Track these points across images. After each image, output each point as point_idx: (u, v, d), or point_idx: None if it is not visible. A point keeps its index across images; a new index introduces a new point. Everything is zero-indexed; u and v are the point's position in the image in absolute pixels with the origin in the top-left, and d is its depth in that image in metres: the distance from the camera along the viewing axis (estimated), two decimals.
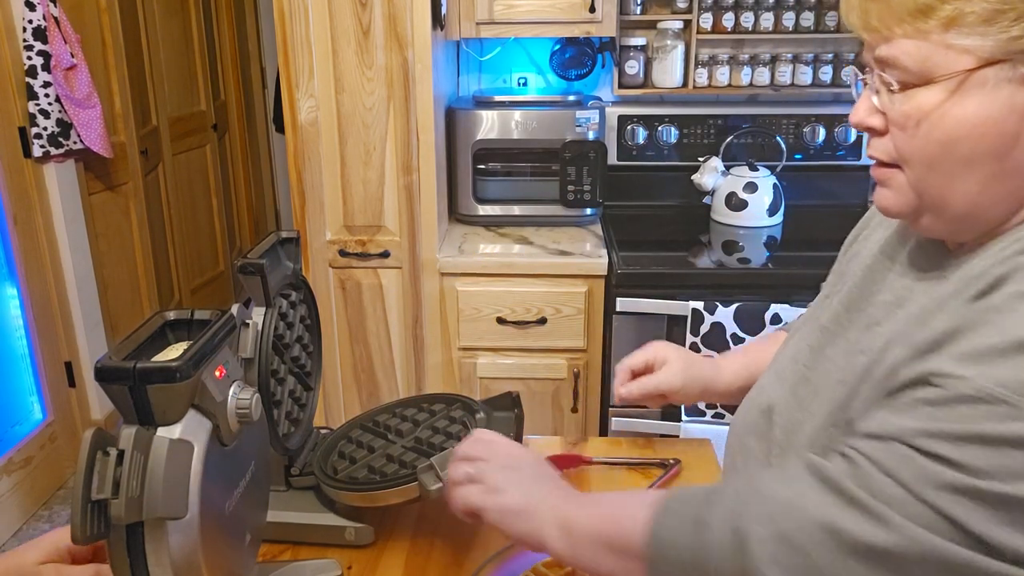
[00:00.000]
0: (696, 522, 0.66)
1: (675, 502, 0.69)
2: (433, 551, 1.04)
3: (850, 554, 0.57)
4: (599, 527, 0.73)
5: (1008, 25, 0.59)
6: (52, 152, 2.51)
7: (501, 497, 0.79)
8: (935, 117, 0.63)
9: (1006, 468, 0.53)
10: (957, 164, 0.63)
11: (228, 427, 0.77)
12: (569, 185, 2.25)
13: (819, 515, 0.59)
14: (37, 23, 2.41)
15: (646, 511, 0.69)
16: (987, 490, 0.53)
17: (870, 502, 0.57)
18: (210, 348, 0.75)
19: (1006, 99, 0.61)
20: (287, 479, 1.09)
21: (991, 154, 0.62)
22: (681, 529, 0.66)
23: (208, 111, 3.88)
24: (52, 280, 2.65)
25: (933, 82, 0.62)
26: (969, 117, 0.62)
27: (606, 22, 2.15)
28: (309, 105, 2.02)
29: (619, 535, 0.71)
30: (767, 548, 0.61)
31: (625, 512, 0.71)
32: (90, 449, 0.67)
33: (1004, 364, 0.55)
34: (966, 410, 0.55)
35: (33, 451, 2.59)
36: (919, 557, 0.55)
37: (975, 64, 0.61)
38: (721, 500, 0.66)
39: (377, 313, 2.18)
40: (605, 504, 0.75)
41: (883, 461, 0.58)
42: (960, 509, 0.54)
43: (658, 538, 0.67)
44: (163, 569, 0.71)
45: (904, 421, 0.59)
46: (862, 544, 0.57)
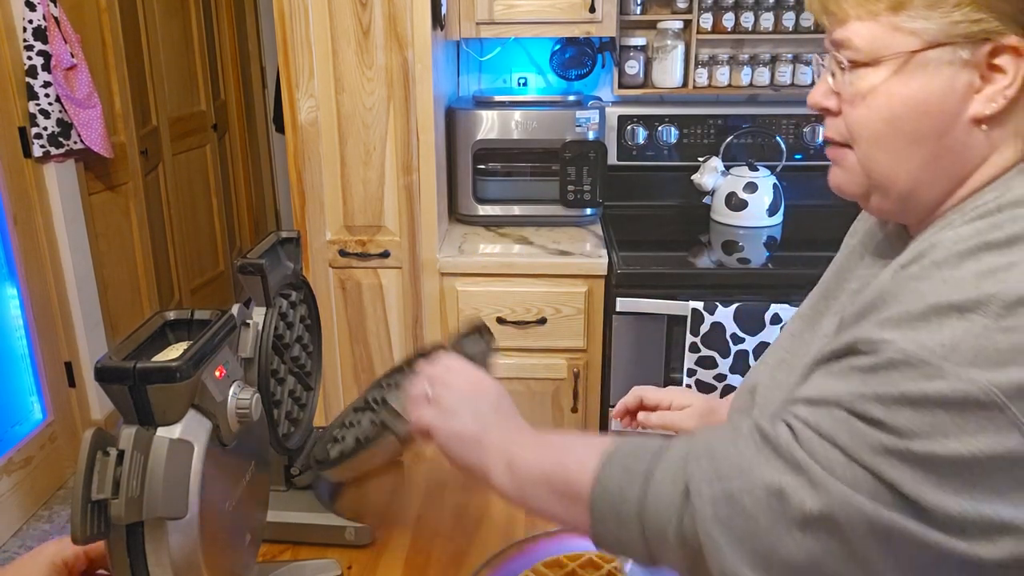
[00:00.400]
0: (645, 475, 0.66)
1: (624, 453, 0.69)
2: (433, 551, 1.04)
3: (793, 519, 0.58)
4: (546, 468, 0.73)
5: (949, 10, 0.63)
6: (52, 152, 2.51)
7: (453, 421, 0.79)
8: (881, 94, 0.67)
9: (932, 427, 0.55)
10: (901, 141, 0.67)
11: (228, 427, 0.77)
12: (569, 185, 2.25)
13: (766, 479, 0.60)
14: (37, 23, 2.41)
15: (595, 459, 0.69)
16: (917, 451, 0.55)
17: (813, 468, 0.58)
18: (210, 348, 0.75)
19: (947, 80, 0.65)
20: (287, 479, 1.10)
21: (932, 133, 0.66)
22: (628, 480, 0.67)
23: (208, 111, 3.88)
24: (52, 280, 2.65)
25: (881, 61, 0.66)
26: (912, 96, 0.66)
27: (606, 22, 2.15)
28: (309, 105, 2.02)
29: (565, 479, 0.71)
30: (712, 507, 0.62)
31: (573, 457, 0.71)
32: (90, 449, 0.67)
33: (924, 328, 0.58)
34: (893, 373, 0.57)
35: (33, 451, 2.59)
36: (860, 525, 0.56)
37: (919, 46, 0.65)
38: (671, 455, 0.67)
39: (377, 313, 2.18)
40: (555, 446, 0.75)
41: (822, 426, 0.60)
42: (892, 470, 0.56)
43: (603, 487, 0.68)
44: (163, 569, 0.71)
45: (839, 386, 0.61)
46: (805, 510, 0.58)
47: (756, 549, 0.60)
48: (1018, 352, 0.55)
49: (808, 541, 0.58)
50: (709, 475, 0.63)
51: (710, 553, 0.61)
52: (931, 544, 0.56)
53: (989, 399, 0.54)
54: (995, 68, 0.64)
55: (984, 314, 0.56)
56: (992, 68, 0.64)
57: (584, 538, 1.00)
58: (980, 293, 0.57)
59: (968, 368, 0.55)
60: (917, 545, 0.56)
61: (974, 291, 0.57)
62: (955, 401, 0.55)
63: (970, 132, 0.66)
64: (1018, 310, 0.56)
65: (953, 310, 0.57)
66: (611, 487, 0.67)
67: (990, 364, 0.55)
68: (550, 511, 0.73)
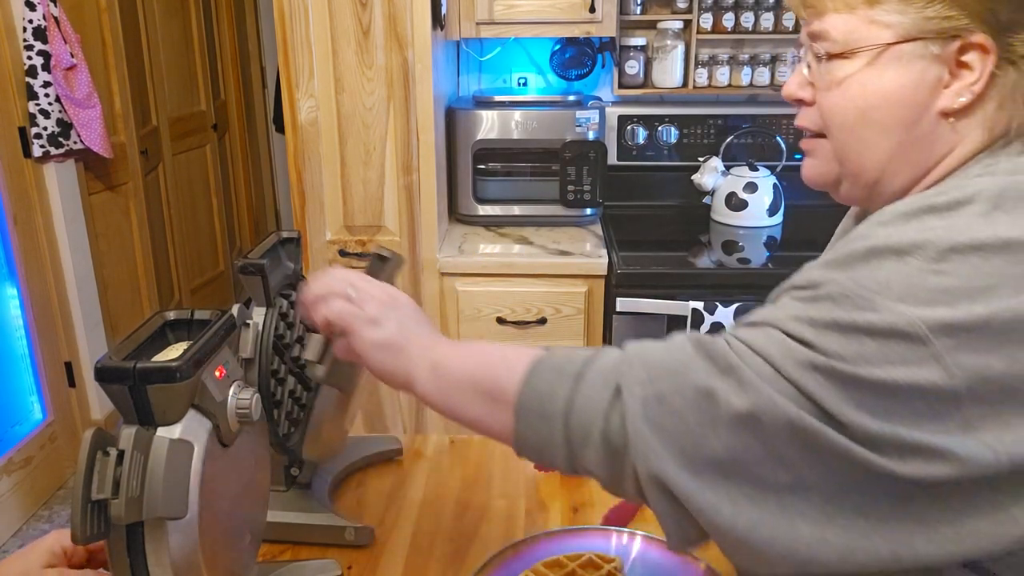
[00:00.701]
0: (575, 376, 0.67)
1: (556, 357, 0.70)
2: (433, 551, 1.04)
3: (720, 418, 0.61)
4: (473, 371, 0.73)
5: (923, 6, 0.66)
6: (52, 152, 2.51)
7: (375, 329, 0.78)
8: (855, 84, 0.70)
9: (858, 353, 0.58)
10: (871, 130, 0.70)
11: (228, 427, 0.77)
12: (569, 185, 2.25)
13: (697, 381, 0.62)
14: (37, 23, 2.41)
15: (525, 362, 0.70)
16: (841, 371, 0.58)
17: (744, 371, 0.61)
18: (210, 348, 0.75)
19: (918, 74, 0.68)
20: (287, 479, 1.09)
21: (901, 123, 0.69)
22: (558, 380, 0.67)
23: (208, 111, 3.88)
24: (52, 280, 2.65)
25: (856, 53, 0.69)
26: (885, 86, 0.69)
27: (606, 22, 2.15)
28: (309, 105, 2.02)
29: (493, 381, 0.71)
30: (643, 406, 0.63)
31: (503, 360, 0.72)
32: (90, 449, 0.67)
33: (863, 267, 0.61)
34: (828, 303, 0.61)
35: (33, 451, 2.59)
36: (781, 425, 0.59)
37: (893, 39, 0.67)
38: (604, 360, 0.68)
39: None
40: (483, 351, 0.75)
41: (756, 342, 0.63)
42: (816, 386, 0.59)
43: (532, 386, 0.68)
44: (163, 569, 0.71)
45: (777, 312, 0.64)
46: (732, 410, 0.60)
47: (683, 446, 0.62)
48: (947, 293, 0.58)
49: (733, 439, 0.60)
50: (642, 377, 0.65)
51: (637, 449, 0.63)
52: (847, 453, 0.58)
53: (915, 332, 0.57)
54: (963, 65, 0.67)
55: (919, 257, 0.60)
56: (960, 65, 0.67)
57: (584, 536, 1.00)
58: (918, 239, 0.61)
59: (898, 303, 0.58)
60: (834, 452, 0.58)
61: (912, 237, 0.61)
62: (882, 331, 0.58)
63: (937, 124, 0.69)
64: (951, 256, 0.59)
65: (891, 252, 0.61)
66: (540, 386, 0.68)
67: (919, 301, 0.58)
68: (474, 415, 0.73)
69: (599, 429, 0.65)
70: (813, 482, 0.59)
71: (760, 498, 0.60)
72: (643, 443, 0.62)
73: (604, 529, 1.03)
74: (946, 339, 0.57)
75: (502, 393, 0.70)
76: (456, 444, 1.28)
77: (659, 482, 0.62)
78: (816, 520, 0.59)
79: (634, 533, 1.02)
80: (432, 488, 1.17)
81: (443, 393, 0.74)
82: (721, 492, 0.61)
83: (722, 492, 0.61)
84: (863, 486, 0.59)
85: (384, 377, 0.79)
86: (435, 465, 1.23)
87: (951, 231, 0.60)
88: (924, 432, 0.57)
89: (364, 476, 1.20)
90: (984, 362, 0.57)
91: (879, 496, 0.59)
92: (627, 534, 1.02)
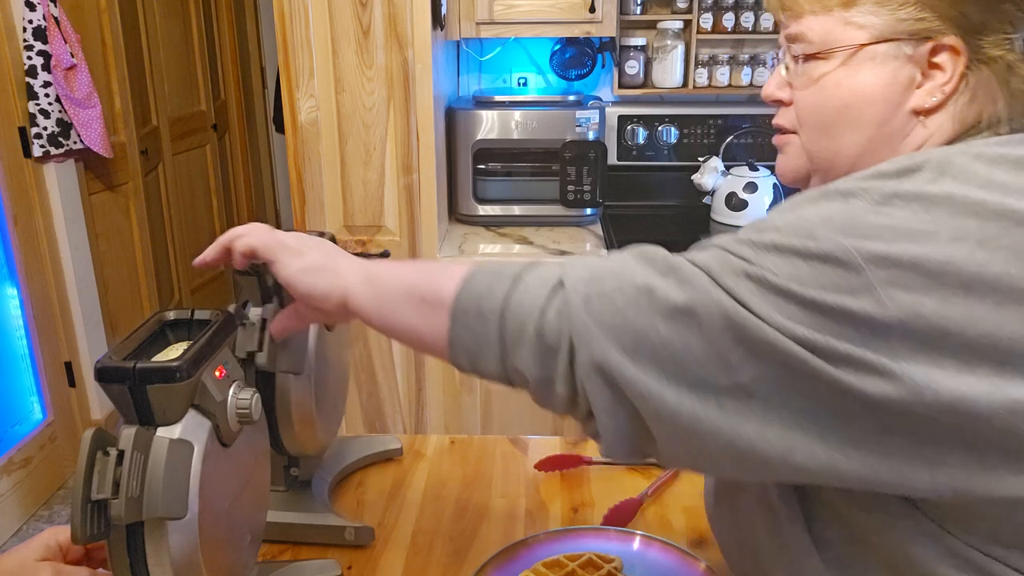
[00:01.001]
0: (515, 278, 0.69)
1: (496, 264, 0.72)
2: (433, 551, 1.04)
3: (659, 311, 0.62)
4: (411, 279, 0.74)
5: (896, 8, 0.69)
6: (52, 152, 2.51)
7: (298, 257, 0.80)
8: (831, 82, 0.72)
9: (791, 273, 0.60)
10: (845, 128, 0.73)
11: (228, 427, 0.77)
12: (569, 185, 2.25)
13: (638, 279, 0.65)
14: (37, 23, 2.41)
15: (464, 270, 0.72)
16: (773, 282, 0.60)
17: (683, 271, 0.64)
18: (210, 348, 0.75)
19: (891, 73, 0.70)
20: (287, 479, 1.09)
21: (874, 120, 0.72)
22: (498, 281, 0.69)
23: (208, 111, 3.88)
24: (52, 280, 2.65)
25: (832, 53, 0.72)
26: (859, 85, 0.71)
27: (606, 22, 2.15)
28: (309, 105, 2.02)
29: (430, 286, 0.72)
30: (584, 302, 0.65)
31: (441, 269, 0.74)
32: (90, 449, 0.67)
33: (810, 206, 0.64)
34: (772, 231, 0.63)
35: (33, 451, 2.59)
36: (717, 318, 0.61)
37: (867, 39, 0.70)
38: (543, 266, 0.70)
39: None
40: (420, 264, 0.76)
41: (696, 257, 0.65)
42: (749, 293, 0.61)
43: (470, 287, 0.70)
44: (163, 569, 0.71)
45: (724, 238, 0.67)
46: (671, 303, 0.62)
47: (626, 338, 0.63)
48: (885, 230, 0.60)
49: (673, 333, 0.62)
50: (584, 276, 0.66)
51: (580, 338, 0.64)
52: (784, 350, 0.59)
53: (850, 259, 0.59)
54: (935, 66, 0.69)
55: (863, 199, 0.62)
56: (932, 66, 0.69)
57: (584, 536, 1.00)
58: (864, 185, 0.63)
59: (837, 234, 0.60)
60: (770, 349, 0.59)
61: (860, 184, 0.64)
62: (818, 255, 0.60)
63: (908, 121, 0.71)
64: (894, 201, 0.61)
65: (838, 194, 0.64)
66: (478, 287, 0.70)
67: (857, 235, 0.60)
68: (410, 323, 0.74)
69: (534, 324, 0.66)
70: (753, 386, 0.60)
71: (702, 396, 0.61)
72: (586, 332, 0.63)
73: (604, 529, 1.03)
74: (880, 271, 0.58)
75: (439, 297, 0.71)
76: (456, 444, 1.28)
77: (602, 368, 0.63)
78: (757, 421, 0.61)
79: (634, 533, 1.02)
80: (432, 488, 1.17)
81: (379, 302, 0.75)
82: (664, 383, 0.62)
83: (665, 383, 0.62)
84: (804, 389, 0.60)
85: (315, 298, 0.79)
86: (435, 465, 1.23)
87: (894, 181, 0.63)
88: (856, 348, 0.58)
89: (364, 476, 1.20)
90: (917, 299, 0.58)
91: (819, 403, 0.60)
92: (627, 534, 1.02)
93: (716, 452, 0.62)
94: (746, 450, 0.61)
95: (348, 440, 1.24)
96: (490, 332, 0.68)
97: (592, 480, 1.18)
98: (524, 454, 1.24)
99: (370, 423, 2.28)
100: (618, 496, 1.11)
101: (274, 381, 0.97)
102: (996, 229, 0.59)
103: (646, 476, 1.18)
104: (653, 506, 1.11)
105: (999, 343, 0.57)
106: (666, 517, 1.09)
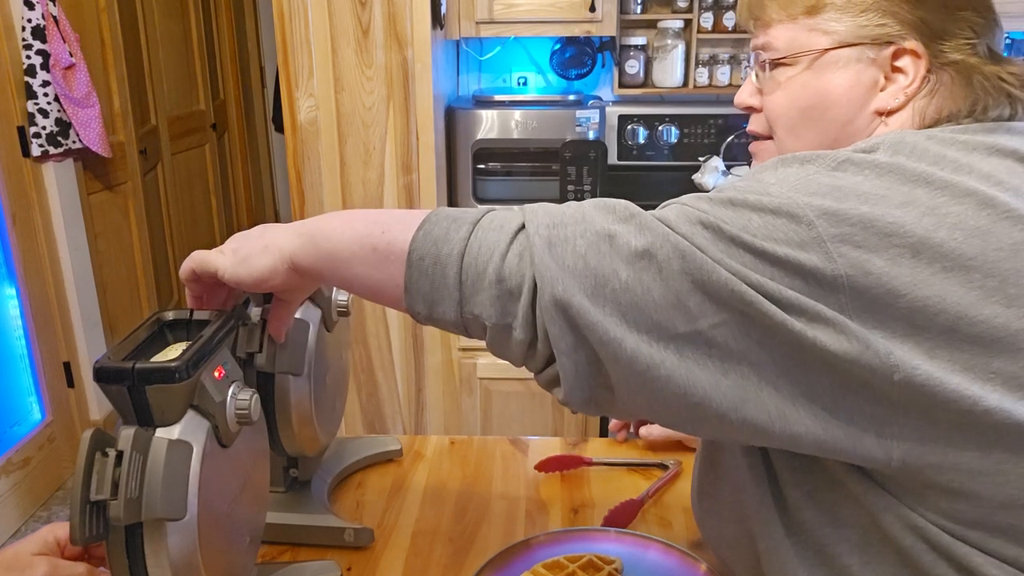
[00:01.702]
0: (472, 223, 0.68)
1: (453, 210, 0.70)
2: (433, 552, 1.03)
3: (620, 256, 0.63)
4: (360, 229, 0.72)
5: (857, 15, 0.72)
6: (51, 151, 2.50)
7: (233, 253, 0.78)
8: (797, 84, 0.76)
9: (744, 225, 0.62)
10: (810, 127, 0.77)
11: (227, 428, 0.76)
12: (569, 185, 2.25)
13: (599, 225, 0.65)
14: (36, 22, 2.41)
15: (419, 216, 0.70)
16: (727, 231, 0.62)
17: (643, 219, 0.65)
18: (209, 348, 0.75)
19: (854, 75, 0.74)
20: (286, 480, 1.09)
21: (837, 120, 0.75)
22: (455, 226, 0.68)
23: (207, 110, 3.88)
24: (51, 280, 2.65)
25: (797, 58, 0.76)
26: (823, 86, 0.75)
27: (606, 21, 2.14)
28: (308, 105, 2.01)
29: (384, 235, 0.70)
30: (548, 245, 0.64)
31: (395, 218, 0.71)
32: (89, 450, 0.66)
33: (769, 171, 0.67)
34: (730, 190, 0.66)
35: (32, 452, 2.58)
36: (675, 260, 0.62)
37: (831, 44, 0.74)
38: (502, 211, 0.69)
39: (376, 313, 2.18)
40: (366, 213, 0.74)
41: (659, 211, 0.67)
42: (704, 240, 0.62)
43: (427, 233, 0.68)
44: (162, 570, 0.71)
45: (684, 197, 0.69)
46: (631, 247, 0.63)
47: (587, 281, 0.63)
48: (836, 190, 0.62)
49: (633, 277, 0.62)
50: (546, 222, 0.66)
51: (543, 279, 0.63)
52: (739, 293, 0.60)
53: (802, 213, 0.61)
54: (897, 69, 0.72)
55: (818, 164, 0.65)
56: (895, 69, 0.73)
57: (584, 537, 1.00)
58: (821, 153, 0.67)
59: (790, 190, 0.63)
60: (726, 293, 0.60)
61: (817, 152, 0.67)
62: (771, 208, 0.62)
63: (871, 120, 0.75)
64: (847, 166, 0.64)
65: (795, 160, 0.67)
66: (435, 232, 0.68)
67: (810, 192, 0.63)
68: (362, 273, 0.72)
69: (495, 268, 0.65)
70: (711, 334, 0.61)
71: (660, 342, 0.62)
72: (549, 273, 0.63)
73: (604, 530, 1.03)
74: (829, 227, 0.60)
75: (392, 246, 0.69)
76: (456, 444, 1.28)
77: (565, 310, 0.63)
78: (713, 371, 0.62)
79: (634, 534, 1.01)
80: (432, 488, 1.17)
81: (328, 258, 0.73)
82: (624, 327, 0.62)
83: (625, 328, 0.62)
84: (760, 338, 0.61)
85: (263, 281, 0.77)
86: (435, 465, 1.22)
87: (854, 154, 0.66)
88: (807, 299, 0.60)
89: (364, 477, 1.20)
90: (866, 257, 0.59)
91: (773, 352, 0.61)
92: (627, 535, 1.02)
93: (672, 400, 0.63)
94: (701, 399, 0.62)
95: (348, 441, 1.24)
96: (448, 277, 0.67)
97: (592, 481, 1.18)
98: (524, 455, 1.24)
99: (370, 424, 2.27)
100: (618, 497, 1.10)
101: (273, 382, 0.96)
102: (945, 199, 0.62)
103: (647, 477, 1.18)
104: (653, 507, 1.11)
105: (946, 308, 0.59)
106: (666, 518, 1.09)
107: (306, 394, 0.99)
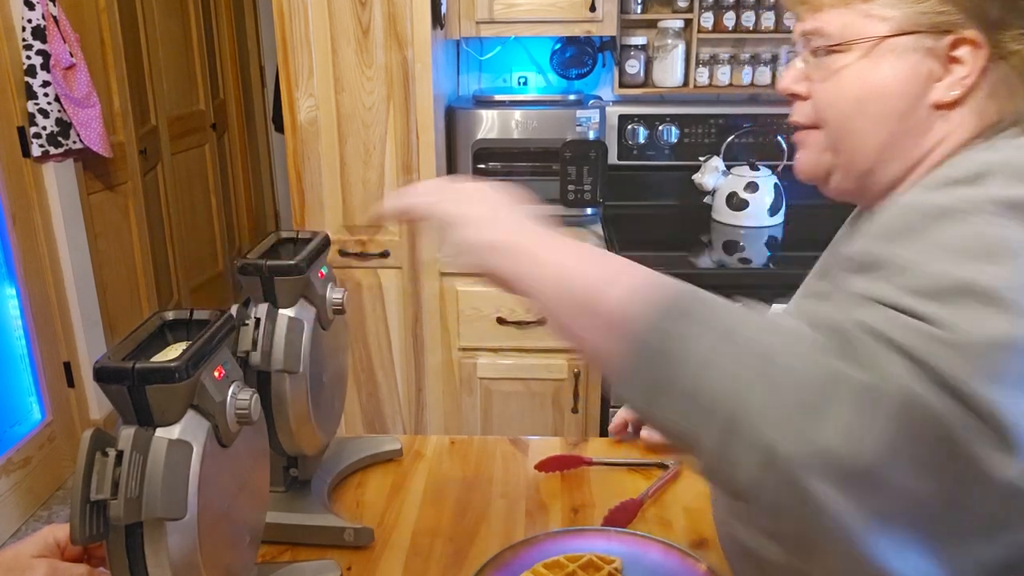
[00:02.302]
0: (725, 332, 0.59)
1: (681, 285, 0.64)
2: (433, 552, 1.03)
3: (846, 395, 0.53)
4: (574, 274, 0.70)
5: (916, 1, 0.68)
6: (51, 152, 2.50)
7: (482, 229, 0.75)
8: (851, 75, 0.72)
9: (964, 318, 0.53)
10: (866, 121, 0.72)
11: (227, 427, 0.76)
12: (569, 185, 2.25)
13: None
14: (36, 22, 2.41)
15: (641, 284, 0.66)
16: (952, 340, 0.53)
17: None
18: (209, 348, 0.75)
19: (911, 66, 0.69)
20: (286, 480, 1.09)
21: (894, 114, 0.71)
22: (700, 329, 0.60)
23: (207, 110, 3.88)
24: (51, 280, 2.65)
25: (852, 46, 0.71)
26: (879, 78, 0.70)
27: (606, 21, 2.14)
28: (308, 104, 2.01)
29: (598, 295, 0.67)
30: None
31: (609, 269, 0.69)
32: (89, 449, 0.66)
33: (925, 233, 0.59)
34: None
35: (32, 451, 2.58)
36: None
37: (888, 32, 0.69)
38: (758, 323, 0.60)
39: (377, 313, 2.18)
40: (585, 251, 0.72)
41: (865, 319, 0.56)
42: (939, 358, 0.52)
43: (660, 328, 0.61)
44: (162, 570, 0.71)
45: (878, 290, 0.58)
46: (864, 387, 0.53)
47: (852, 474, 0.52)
48: None
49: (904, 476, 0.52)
50: None
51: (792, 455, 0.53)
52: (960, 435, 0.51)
53: None
54: (955, 60, 0.68)
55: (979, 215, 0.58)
56: (952, 60, 0.68)
57: (584, 537, 1.00)
58: (970, 202, 0.59)
59: None
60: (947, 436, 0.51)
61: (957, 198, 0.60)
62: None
63: (929, 115, 0.70)
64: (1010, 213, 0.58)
65: (943, 214, 0.59)
66: (672, 330, 0.62)
67: None
68: (574, 331, 0.69)
69: None
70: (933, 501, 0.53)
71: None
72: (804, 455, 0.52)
73: (604, 530, 1.03)
74: None
75: (612, 313, 0.65)
76: (456, 445, 1.28)
77: (805, 497, 0.53)
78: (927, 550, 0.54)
79: (634, 534, 1.01)
80: (432, 488, 1.17)
81: (545, 300, 0.72)
82: (868, 527, 0.53)
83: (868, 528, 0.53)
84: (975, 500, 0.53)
85: (497, 280, 0.76)
86: (435, 465, 1.22)
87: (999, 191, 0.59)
88: None
89: (364, 476, 1.20)
90: None
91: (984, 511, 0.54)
92: (627, 535, 1.02)
93: None
94: None
95: (347, 441, 1.24)
96: (683, 387, 0.58)
97: (592, 481, 1.18)
98: (524, 455, 1.24)
99: (370, 424, 2.27)
100: (618, 497, 1.10)
101: (270, 381, 0.96)
102: None
103: (646, 477, 1.18)
104: (653, 507, 1.11)
105: None
106: (666, 518, 1.09)
107: (303, 393, 0.99)
